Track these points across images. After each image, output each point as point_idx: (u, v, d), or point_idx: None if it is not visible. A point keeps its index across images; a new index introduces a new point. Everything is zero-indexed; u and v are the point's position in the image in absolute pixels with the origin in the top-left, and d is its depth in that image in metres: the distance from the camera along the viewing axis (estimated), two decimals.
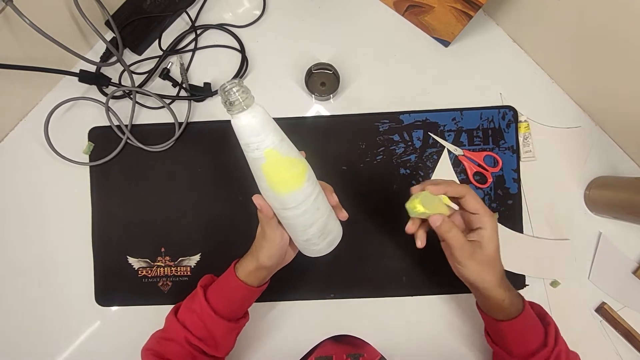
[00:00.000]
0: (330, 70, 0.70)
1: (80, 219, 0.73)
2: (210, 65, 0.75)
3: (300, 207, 0.50)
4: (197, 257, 0.72)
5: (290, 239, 0.57)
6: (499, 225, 0.70)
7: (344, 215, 0.57)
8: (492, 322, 0.56)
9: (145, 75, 0.73)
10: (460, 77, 0.73)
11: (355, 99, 0.73)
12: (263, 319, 0.71)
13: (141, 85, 0.73)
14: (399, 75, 0.74)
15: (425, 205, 0.51)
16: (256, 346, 0.71)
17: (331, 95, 0.71)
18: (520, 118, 0.71)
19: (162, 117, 0.74)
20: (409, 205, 0.53)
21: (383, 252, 0.71)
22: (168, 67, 0.74)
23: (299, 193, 0.49)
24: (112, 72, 0.74)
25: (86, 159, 0.73)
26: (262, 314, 0.71)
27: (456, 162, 0.71)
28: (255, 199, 0.53)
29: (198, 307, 0.58)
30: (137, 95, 0.73)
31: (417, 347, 0.70)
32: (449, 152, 0.71)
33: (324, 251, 0.57)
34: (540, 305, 0.59)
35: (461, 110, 0.72)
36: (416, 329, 0.70)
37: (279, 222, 0.55)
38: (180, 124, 0.72)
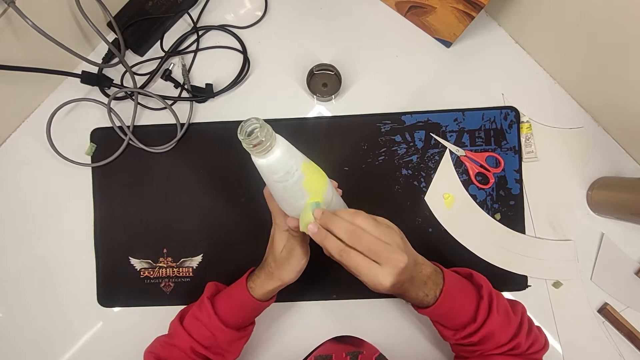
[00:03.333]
0: (332, 71, 0.70)
1: (82, 220, 0.73)
2: (212, 66, 0.75)
3: (332, 198, 0.53)
4: (199, 258, 0.72)
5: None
6: (502, 226, 0.70)
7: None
8: (417, 309, 0.55)
9: (147, 76, 0.73)
10: (462, 78, 0.73)
11: (357, 100, 0.73)
12: (265, 320, 0.70)
13: (143, 87, 0.73)
14: (400, 76, 0.73)
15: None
16: (258, 347, 0.71)
17: (333, 96, 0.71)
18: (522, 118, 0.71)
19: (164, 118, 0.74)
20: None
21: None
22: (170, 68, 0.74)
23: (329, 184, 0.52)
24: (114, 73, 0.74)
25: (88, 160, 0.73)
26: (264, 315, 0.70)
27: (458, 163, 0.71)
28: (291, 222, 0.53)
29: (206, 318, 0.58)
30: (139, 96, 0.73)
31: (418, 348, 0.70)
32: (451, 152, 0.71)
33: None
34: (480, 274, 0.57)
35: (463, 110, 0.72)
36: (418, 330, 0.70)
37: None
38: (182, 125, 0.72)
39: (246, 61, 0.74)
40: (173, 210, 0.72)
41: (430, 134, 0.71)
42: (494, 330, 0.52)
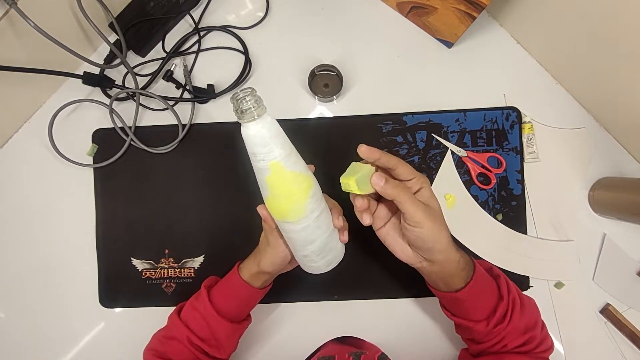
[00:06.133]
0: (334, 72, 0.70)
1: (83, 221, 0.73)
2: (213, 67, 0.75)
3: (301, 222, 0.49)
4: (200, 259, 0.72)
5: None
6: (503, 227, 0.70)
7: (344, 238, 0.56)
8: (449, 296, 0.54)
9: (149, 77, 0.73)
10: (464, 78, 0.73)
11: (358, 100, 0.73)
12: (267, 320, 0.71)
13: (145, 87, 0.73)
14: (402, 76, 0.73)
15: (360, 186, 0.48)
16: (260, 348, 0.71)
17: (334, 97, 0.71)
18: (524, 119, 0.71)
19: (165, 118, 0.74)
20: (344, 180, 0.49)
21: (387, 254, 0.70)
22: (171, 69, 0.74)
23: (300, 209, 0.49)
24: (115, 74, 0.74)
25: (90, 160, 0.73)
26: (265, 315, 0.71)
27: (460, 164, 0.71)
28: (260, 209, 0.54)
29: (202, 306, 0.58)
30: (141, 97, 0.73)
31: (420, 348, 0.70)
32: (453, 153, 0.71)
33: (322, 270, 0.57)
34: (498, 269, 0.58)
35: (464, 111, 0.71)
36: (419, 330, 0.70)
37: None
38: (184, 125, 0.72)
39: (247, 62, 0.74)
40: (174, 210, 0.72)
41: (432, 134, 0.71)
42: (519, 304, 0.53)
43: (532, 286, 0.70)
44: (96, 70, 0.72)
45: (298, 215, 0.49)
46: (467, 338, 0.59)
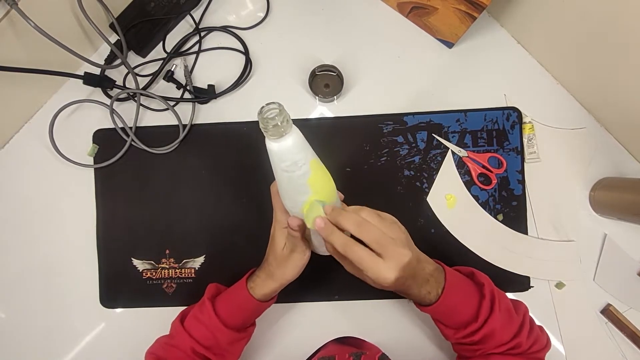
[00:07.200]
0: (334, 72, 0.70)
1: (84, 221, 0.73)
2: (214, 67, 0.75)
3: (337, 203, 0.53)
4: (201, 259, 0.72)
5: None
6: (504, 227, 0.70)
7: None
8: (419, 307, 0.56)
9: (150, 77, 0.73)
10: (464, 79, 0.73)
11: (359, 101, 0.73)
12: (267, 321, 0.70)
13: (145, 88, 0.73)
14: (402, 76, 0.73)
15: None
16: (260, 348, 0.71)
17: (335, 97, 0.71)
18: (525, 119, 0.71)
19: (166, 119, 0.74)
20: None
21: None
22: (172, 70, 0.74)
23: (334, 188, 0.52)
24: (116, 74, 0.74)
25: (91, 161, 0.73)
26: (266, 316, 0.70)
27: (460, 164, 0.71)
28: (291, 221, 0.53)
29: (207, 319, 0.58)
30: (142, 97, 0.73)
31: (420, 348, 0.70)
32: (453, 153, 0.71)
33: None
34: (481, 273, 0.58)
35: (465, 111, 0.71)
36: (420, 331, 0.70)
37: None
38: (185, 126, 0.73)
39: (248, 62, 0.74)
40: (175, 211, 0.72)
41: (432, 134, 0.71)
42: (495, 329, 0.52)
43: (532, 286, 0.70)
44: (97, 71, 0.72)
45: (335, 196, 0.52)
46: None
